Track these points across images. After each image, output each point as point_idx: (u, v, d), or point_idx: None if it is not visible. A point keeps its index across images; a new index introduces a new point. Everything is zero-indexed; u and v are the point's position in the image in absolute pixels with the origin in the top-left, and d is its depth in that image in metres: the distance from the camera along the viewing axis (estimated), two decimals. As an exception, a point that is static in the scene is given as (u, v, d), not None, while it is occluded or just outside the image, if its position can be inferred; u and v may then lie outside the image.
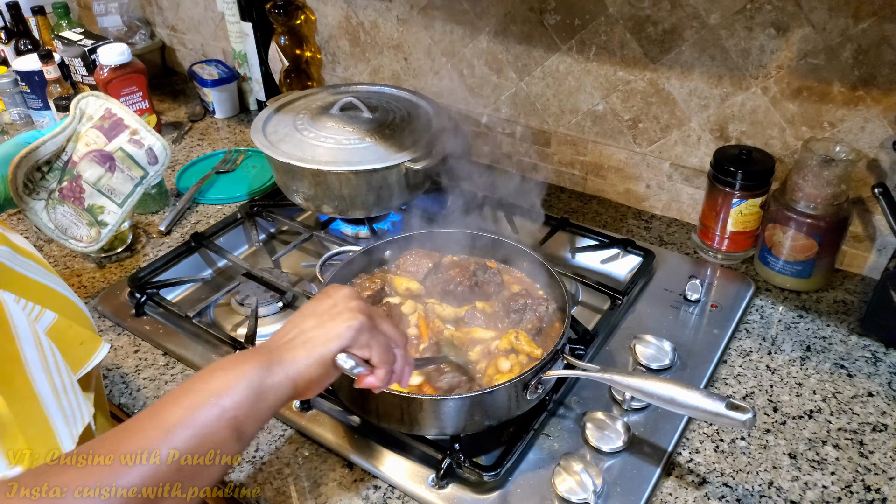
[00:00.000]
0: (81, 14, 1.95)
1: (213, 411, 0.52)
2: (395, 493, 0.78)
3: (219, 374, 0.55)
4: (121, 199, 1.03)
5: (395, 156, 1.08)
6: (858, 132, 0.98)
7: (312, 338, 0.60)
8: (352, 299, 0.64)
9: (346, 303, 0.63)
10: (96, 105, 1.01)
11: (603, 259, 1.13)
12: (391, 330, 0.66)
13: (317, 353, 0.59)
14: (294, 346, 0.60)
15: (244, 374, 0.55)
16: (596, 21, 1.12)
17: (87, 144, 0.99)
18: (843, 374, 0.90)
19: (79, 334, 0.67)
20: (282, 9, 1.44)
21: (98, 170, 0.99)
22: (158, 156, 1.05)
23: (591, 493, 0.73)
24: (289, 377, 0.58)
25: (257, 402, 0.55)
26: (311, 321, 0.62)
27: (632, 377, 0.74)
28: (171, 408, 0.52)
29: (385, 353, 0.63)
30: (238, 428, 0.54)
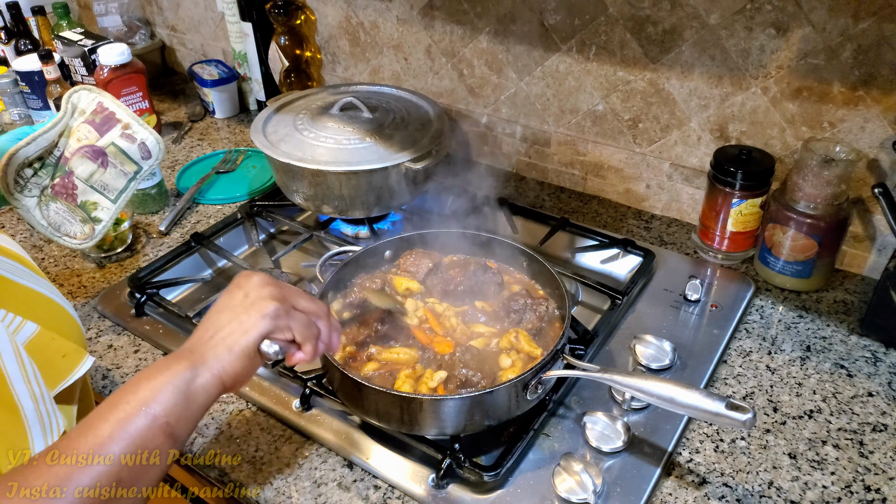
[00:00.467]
0: (81, 14, 1.95)
1: (144, 421, 0.54)
2: (395, 493, 0.78)
3: (145, 384, 0.56)
4: (114, 195, 1.01)
5: (395, 156, 1.08)
6: (858, 132, 0.98)
7: (230, 332, 0.61)
8: (263, 286, 0.64)
9: (258, 291, 0.64)
10: (88, 99, 0.99)
11: (603, 259, 1.13)
12: (309, 305, 0.66)
13: (238, 348, 0.60)
14: (214, 343, 0.61)
15: (170, 381, 0.56)
16: (596, 21, 1.12)
17: (78, 140, 0.97)
18: (843, 374, 0.90)
19: (61, 346, 0.65)
20: (282, 9, 1.44)
21: (90, 165, 0.97)
22: (152, 150, 1.03)
23: (591, 493, 0.73)
24: (215, 375, 0.59)
25: (187, 404, 0.57)
26: (226, 315, 0.63)
27: (632, 377, 0.74)
28: (101, 423, 0.53)
29: (306, 329, 0.64)
30: (171, 433, 0.55)
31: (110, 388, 0.93)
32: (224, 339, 0.61)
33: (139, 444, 0.53)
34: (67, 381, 0.65)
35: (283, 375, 0.89)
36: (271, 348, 0.62)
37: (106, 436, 0.52)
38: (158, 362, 0.59)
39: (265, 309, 0.62)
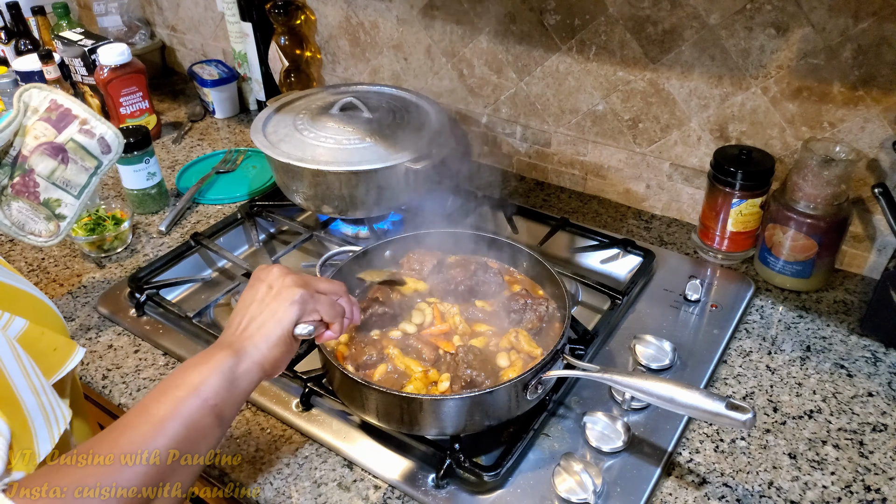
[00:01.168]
0: (81, 14, 1.95)
1: (196, 402, 0.58)
2: (395, 493, 0.78)
3: (195, 369, 0.61)
4: (77, 191, 1.00)
5: (395, 156, 1.08)
6: (858, 132, 0.98)
7: (264, 323, 0.65)
8: (284, 275, 0.69)
9: (280, 281, 0.68)
10: (40, 97, 0.98)
11: (603, 259, 1.13)
12: (328, 286, 0.72)
13: (274, 336, 0.65)
14: (250, 334, 0.65)
15: (217, 366, 0.61)
16: (596, 21, 1.12)
17: (36, 137, 0.96)
18: (843, 374, 0.90)
19: (52, 340, 0.66)
20: (282, 9, 1.44)
21: (51, 162, 0.96)
22: (111, 144, 1.02)
23: (591, 493, 0.73)
24: (255, 362, 0.63)
25: (232, 388, 0.61)
26: (255, 307, 0.67)
27: (632, 377, 0.74)
28: (157, 404, 0.57)
29: (331, 308, 0.70)
30: (219, 414, 0.59)
31: (110, 389, 0.93)
32: (259, 329, 0.65)
33: (192, 423, 0.57)
34: (61, 373, 0.66)
35: (283, 375, 0.89)
36: (305, 329, 0.67)
37: (162, 415, 0.56)
38: (201, 354, 0.63)
39: (293, 296, 0.66)
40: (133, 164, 1.23)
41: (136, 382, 0.93)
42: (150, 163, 1.25)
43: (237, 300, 1.05)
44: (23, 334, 0.63)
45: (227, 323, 0.68)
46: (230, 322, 0.68)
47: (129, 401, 0.91)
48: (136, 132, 1.23)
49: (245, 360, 0.63)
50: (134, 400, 0.91)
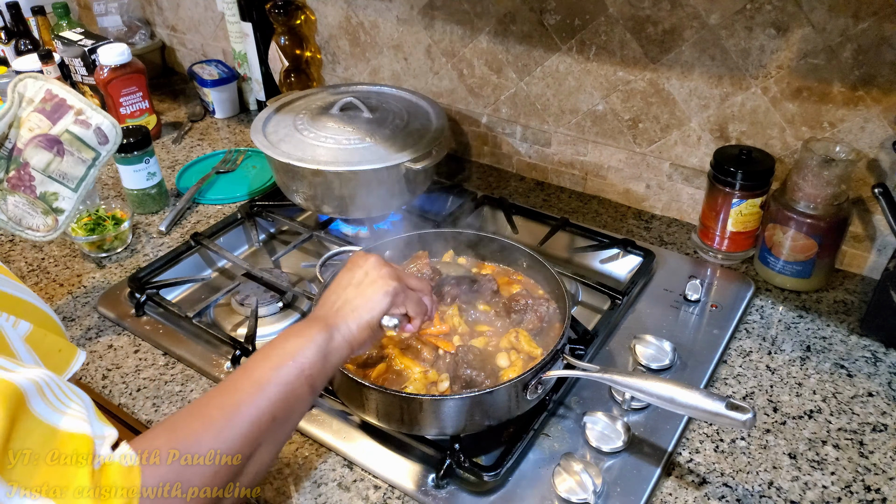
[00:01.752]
0: (81, 14, 1.95)
1: (294, 370, 0.62)
2: (395, 493, 0.78)
3: (293, 340, 0.65)
4: (74, 184, 0.98)
5: (395, 156, 1.08)
6: (858, 132, 0.98)
7: (358, 306, 0.70)
8: (381, 266, 0.73)
9: (377, 271, 0.72)
10: (35, 87, 0.95)
11: (603, 259, 1.13)
12: (418, 283, 0.76)
13: (364, 320, 0.69)
14: (344, 314, 0.69)
15: (313, 339, 0.65)
16: (596, 21, 1.12)
17: (30, 129, 0.94)
18: (843, 374, 0.90)
19: (55, 342, 0.68)
20: (282, 9, 1.44)
21: (46, 155, 0.94)
22: (108, 134, 1.00)
23: (591, 494, 0.73)
24: (345, 340, 0.68)
25: (325, 361, 0.65)
26: (351, 290, 0.71)
27: (632, 377, 0.74)
28: (260, 369, 0.61)
29: (418, 306, 0.75)
30: (312, 384, 0.64)
31: (110, 389, 0.93)
32: (352, 312, 0.69)
33: (289, 388, 0.61)
34: (68, 374, 0.68)
35: (283, 375, 0.89)
36: (391, 322, 0.71)
37: (265, 379, 0.60)
38: (300, 324, 0.68)
39: (387, 287, 0.71)
40: (133, 164, 1.23)
41: (136, 382, 0.93)
42: (150, 163, 1.25)
43: (237, 300, 1.06)
44: (28, 336, 0.65)
45: (321, 300, 0.73)
46: (324, 300, 0.72)
47: (129, 401, 0.91)
48: (136, 132, 1.23)
49: (337, 336, 0.67)
50: (134, 400, 0.91)
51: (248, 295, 1.07)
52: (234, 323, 1.05)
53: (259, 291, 1.07)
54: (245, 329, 0.99)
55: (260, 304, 1.04)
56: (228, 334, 0.97)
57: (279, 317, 1.05)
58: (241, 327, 1.04)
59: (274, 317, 1.05)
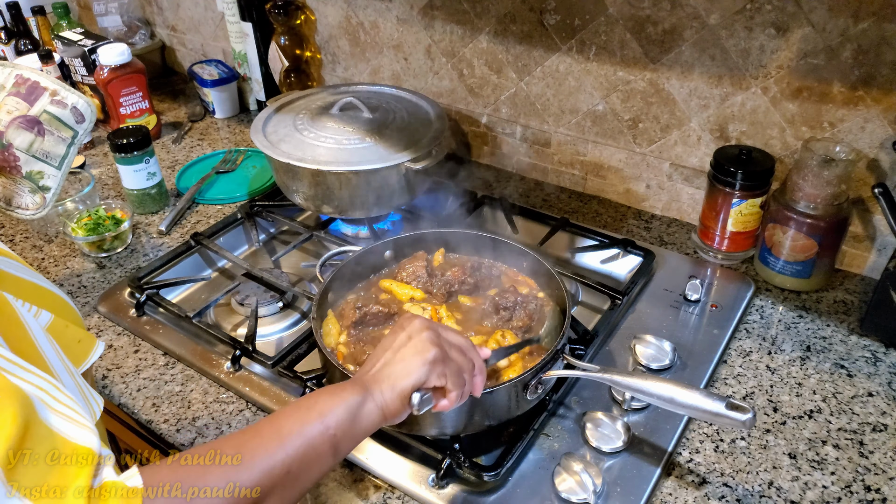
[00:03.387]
0: (81, 14, 1.95)
1: (319, 427, 0.61)
2: (395, 493, 0.78)
3: (325, 398, 0.63)
4: (57, 162, 1.00)
5: (395, 156, 1.08)
6: (858, 132, 0.98)
7: (393, 373, 0.66)
8: (424, 330, 0.69)
9: (419, 335, 0.68)
10: (4, 74, 0.98)
11: (603, 259, 1.13)
12: (460, 357, 0.70)
13: (398, 389, 0.66)
14: (380, 378, 0.66)
15: (345, 400, 0.63)
16: (596, 21, 1.12)
17: (8, 112, 0.96)
18: (843, 374, 0.90)
19: (75, 333, 0.68)
20: (282, 9, 1.44)
21: (28, 135, 0.97)
22: (84, 113, 1.02)
23: (591, 493, 0.73)
24: (378, 406, 0.65)
25: (353, 424, 0.63)
26: (390, 354, 0.68)
27: (632, 377, 0.74)
28: (285, 420, 0.60)
29: (457, 379, 0.68)
30: (336, 445, 0.62)
31: (110, 389, 0.93)
32: (388, 377, 0.66)
33: (310, 445, 0.60)
34: (87, 364, 0.68)
35: (283, 375, 0.90)
36: (417, 398, 0.66)
37: (287, 430, 0.59)
38: (336, 385, 0.66)
39: (426, 353, 0.67)
40: (133, 164, 1.23)
41: (136, 382, 0.93)
42: (150, 163, 1.25)
43: (237, 300, 1.06)
44: (49, 326, 0.65)
45: (365, 361, 0.70)
46: (366, 361, 0.70)
47: (129, 401, 0.91)
48: (136, 132, 1.23)
49: (369, 402, 0.64)
50: (134, 400, 0.91)
51: (248, 295, 1.07)
52: (234, 323, 1.05)
53: (259, 291, 1.07)
54: (245, 329, 0.99)
55: (260, 304, 1.04)
56: (228, 334, 0.97)
57: (279, 317, 1.05)
58: (241, 327, 1.04)
59: (274, 317, 1.05)
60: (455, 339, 0.71)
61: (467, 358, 0.70)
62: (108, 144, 1.24)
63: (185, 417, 0.88)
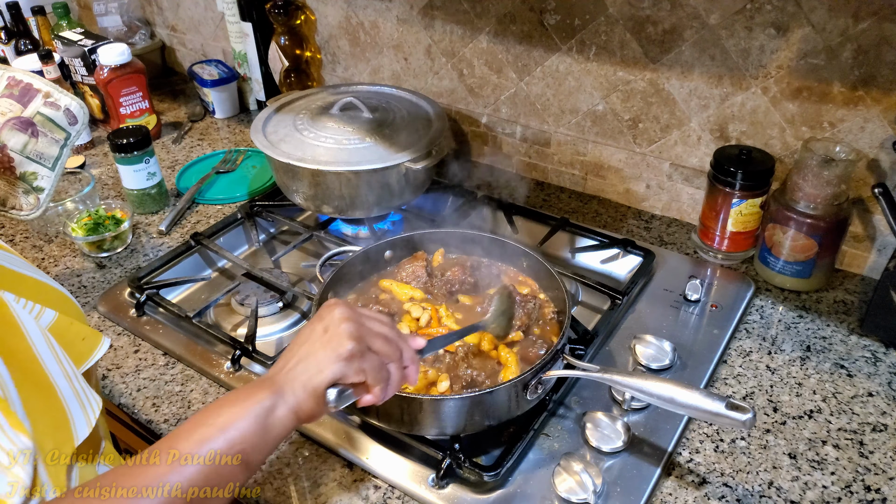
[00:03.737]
0: (81, 14, 1.95)
1: (222, 444, 0.56)
2: (395, 493, 0.78)
3: (228, 410, 0.59)
4: (51, 163, 1.01)
5: (395, 156, 1.08)
6: (858, 132, 0.98)
7: (306, 369, 0.61)
8: (343, 321, 0.63)
9: (336, 327, 0.63)
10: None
11: (603, 259, 1.13)
12: (385, 347, 0.65)
13: (311, 386, 0.61)
14: (292, 377, 0.62)
15: (250, 409, 0.59)
16: (596, 21, 1.12)
17: (2, 114, 0.97)
18: (843, 374, 0.90)
19: (80, 330, 0.67)
20: (282, 9, 1.44)
21: (22, 137, 0.98)
22: (76, 115, 1.04)
23: (591, 493, 0.73)
24: (290, 409, 0.60)
25: (263, 434, 0.59)
26: (305, 348, 0.63)
27: (632, 377, 0.74)
28: (183, 441, 0.56)
29: (378, 372, 0.64)
30: (245, 459, 0.58)
31: (110, 389, 0.93)
32: (300, 375, 0.61)
33: (213, 466, 0.56)
34: (90, 362, 0.67)
35: (283, 375, 0.89)
36: (333, 394, 0.62)
37: (185, 453, 0.55)
38: (241, 389, 0.61)
39: (340, 348, 0.62)
40: (133, 164, 1.23)
41: (136, 382, 0.93)
42: (150, 163, 1.25)
43: (237, 300, 1.06)
44: (53, 325, 0.64)
45: (282, 354, 0.66)
46: (283, 353, 0.65)
47: (129, 401, 0.91)
48: (136, 132, 1.23)
49: (281, 406, 0.60)
50: (134, 400, 0.91)
51: (248, 295, 1.07)
52: (234, 323, 1.05)
53: (259, 291, 1.07)
54: (245, 329, 0.99)
55: (260, 304, 1.04)
56: (228, 334, 0.97)
57: (279, 317, 1.05)
58: (241, 327, 1.04)
59: (274, 317, 1.05)
60: (379, 329, 0.65)
61: (393, 348, 0.65)
62: (108, 144, 1.24)
63: (185, 417, 0.88)
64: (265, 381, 0.62)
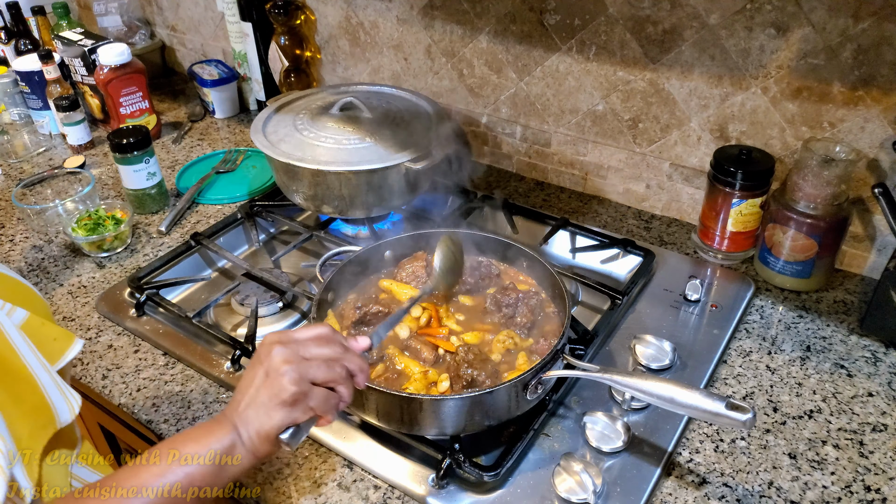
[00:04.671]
0: (81, 14, 1.95)
1: (181, 479, 0.59)
2: (394, 493, 0.78)
3: (190, 445, 0.62)
4: None
5: (395, 156, 1.08)
6: (858, 132, 0.98)
7: (256, 416, 0.63)
8: (282, 364, 0.64)
9: (276, 372, 0.63)
10: None
11: (603, 259, 1.13)
12: (327, 374, 0.65)
13: (263, 434, 0.63)
14: (246, 421, 0.64)
15: (211, 447, 0.62)
16: (596, 21, 1.12)
17: None
18: (843, 374, 0.90)
19: (50, 331, 0.67)
20: (282, 9, 1.44)
21: None
22: None
23: (591, 493, 0.73)
24: (248, 450, 0.63)
25: (219, 473, 0.62)
26: (251, 393, 0.64)
27: (632, 377, 0.74)
28: (143, 472, 0.59)
29: (325, 403, 0.65)
30: (199, 496, 0.61)
31: (110, 389, 0.93)
32: (252, 421, 0.63)
33: (167, 499, 0.59)
34: (62, 362, 0.67)
35: (283, 375, 0.89)
36: (286, 436, 0.63)
37: (142, 486, 0.58)
38: (204, 426, 0.64)
39: (283, 394, 0.62)
40: (133, 164, 1.23)
41: (136, 382, 0.93)
42: (150, 163, 1.25)
43: (237, 300, 1.06)
44: (24, 323, 0.64)
45: (235, 389, 0.67)
46: (235, 393, 0.66)
47: (129, 401, 0.91)
48: (136, 132, 1.23)
49: (239, 446, 0.63)
50: (134, 400, 0.91)
51: (248, 295, 1.07)
52: (234, 323, 1.05)
53: (259, 291, 1.07)
54: (245, 329, 0.99)
55: (260, 304, 1.04)
56: (228, 334, 0.97)
57: (279, 317, 1.05)
58: (241, 327, 1.04)
59: (274, 317, 1.05)
60: (318, 353, 0.65)
61: (337, 369, 0.66)
62: (108, 144, 1.24)
63: (185, 417, 0.88)
64: (224, 421, 0.64)
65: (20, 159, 1.50)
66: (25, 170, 1.47)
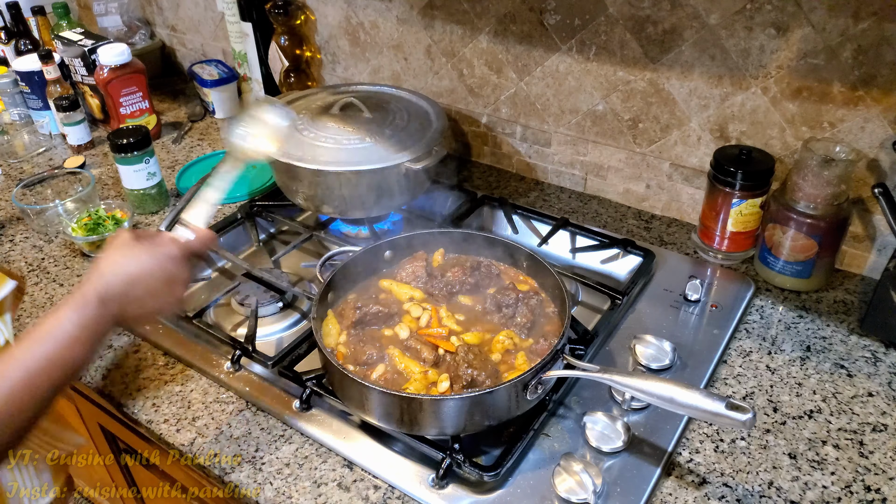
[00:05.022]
0: (81, 14, 1.95)
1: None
2: (395, 493, 0.78)
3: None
4: None
5: (395, 156, 1.08)
6: (858, 132, 0.98)
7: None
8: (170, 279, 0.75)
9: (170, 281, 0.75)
10: None
11: (603, 259, 1.13)
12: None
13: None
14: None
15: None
16: (596, 21, 1.12)
17: None
18: (843, 374, 0.90)
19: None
20: (282, 9, 1.44)
21: None
22: None
23: (591, 493, 0.73)
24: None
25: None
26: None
27: (632, 377, 0.74)
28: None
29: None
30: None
31: (110, 389, 0.93)
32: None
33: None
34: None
35: (283, 375, 0.90)
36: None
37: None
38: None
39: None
40: (133, 164, 1.23)
41: (136, 382, 0.93)
42: (150, 163, 1.25)
43: (237, 300, 1.06)
44: None
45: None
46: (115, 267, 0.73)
47: (129, 401, 0.91)
48: (136, 132, 1.23)
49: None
50: (134, 400, 0.91)
51: (248, 295, 1.07)
52: (234, 323, 1.05)
53: (259, 291, 1.07)
54: (245, 329, 0.99)
55: (260, 304, 1.04)
56: (228, 334, 0.97)
57: (279, 317, 1.05)
58: (241, 327, 1.04)
59: (274, 317, 1.05)
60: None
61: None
62: (108, 144, 1.24)
63: (185, 417, 0.88)
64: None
65: (20, 159, 1.50)
66: (25, 170, 1.47)
